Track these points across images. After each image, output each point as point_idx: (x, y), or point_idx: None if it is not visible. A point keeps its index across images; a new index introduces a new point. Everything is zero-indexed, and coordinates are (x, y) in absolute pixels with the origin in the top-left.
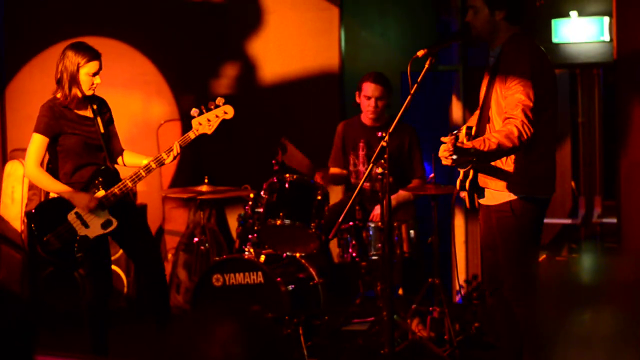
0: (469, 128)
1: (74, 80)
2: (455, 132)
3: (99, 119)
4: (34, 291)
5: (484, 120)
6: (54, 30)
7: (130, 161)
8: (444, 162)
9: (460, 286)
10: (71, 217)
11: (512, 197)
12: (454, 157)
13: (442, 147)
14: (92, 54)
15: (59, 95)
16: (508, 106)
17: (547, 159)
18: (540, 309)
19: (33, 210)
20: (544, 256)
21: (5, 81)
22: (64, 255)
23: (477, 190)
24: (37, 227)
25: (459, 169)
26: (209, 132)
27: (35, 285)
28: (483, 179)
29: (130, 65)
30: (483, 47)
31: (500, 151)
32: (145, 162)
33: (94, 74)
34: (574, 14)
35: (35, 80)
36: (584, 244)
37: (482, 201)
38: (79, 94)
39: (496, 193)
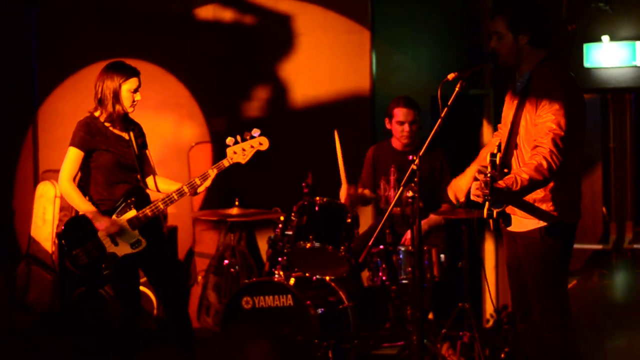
0: (493, 155)
1: (117, 97)
2: (488, 173)
3: (133, 141)
4: (65, 312)
5: (511, 147)
6: (85, 52)
7: (163, 187)
8: (476, 199)
9: (491, 315)
10: (101, 233)
11: (541, 223)
12: (489, 198)
13: (475, 185)
14: (132, 71)
15: (97, 114)
16: (538, 134)
17: (575, 184)
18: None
19: (63, 227)
20: (574, 282)
21: (37, 103)
22: (92, 271)
23: (504, 217)
24: (67, 242)
25: (492, 208)
26: (243, 162)
27: (66, 306)
28: (511, 207)
29: (162, 87)
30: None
31: (532, 186)
32: (178, 185)
33: (135, 91)
34: (605, 38)
35: (67, 102)
36: (616, 267)
37: (508, 228)
38: (122, 111)
39: (525, 220)
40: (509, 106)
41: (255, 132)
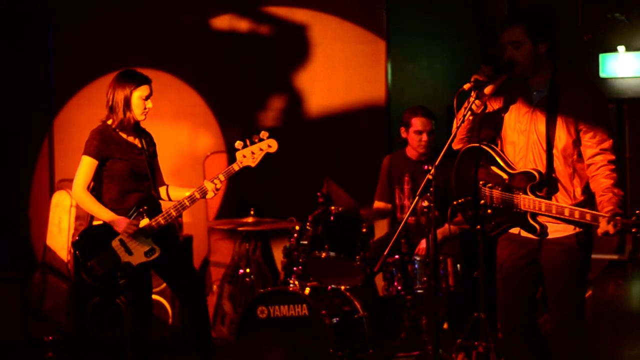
0: (539, 172)
1: (128, 105)
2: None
3: (145, 149)
4: (80, 321)
5: (550, 160)
6: (101, 62)
7: (175, 195)
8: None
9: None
10: (115, 243)
11: (577, 229)
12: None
13: (611, 227)
14: (143, 79)
15: (109, 122)
16: (594, 138)
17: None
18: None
19: (77, 238)
20: (590, 292)
21: (53, 113)
22: (107, 282)
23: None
24: (81, 253)
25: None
26: (253, 165)
27: (81, 315)
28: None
29: (177, 97)
30: None
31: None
32: (189, 192)
33: (146, 98)
34: (621, 48)
35: (83, 111)
36: (632, 277)
37: (530, 234)
38: (132, 119)
39: (560, 225)
40: (522, 116)
41: (264, 134)
